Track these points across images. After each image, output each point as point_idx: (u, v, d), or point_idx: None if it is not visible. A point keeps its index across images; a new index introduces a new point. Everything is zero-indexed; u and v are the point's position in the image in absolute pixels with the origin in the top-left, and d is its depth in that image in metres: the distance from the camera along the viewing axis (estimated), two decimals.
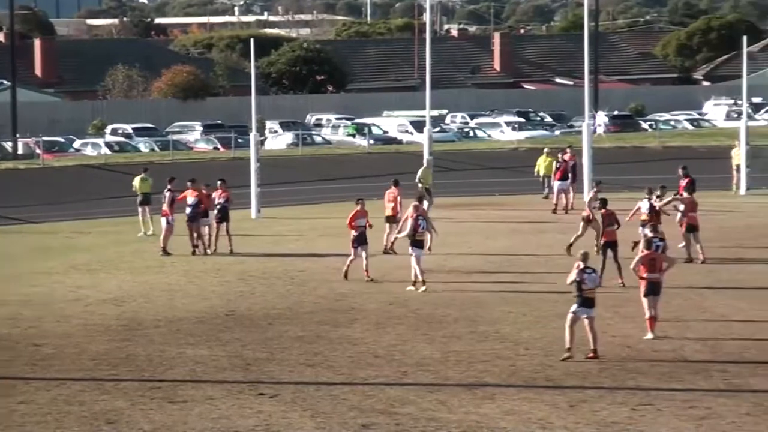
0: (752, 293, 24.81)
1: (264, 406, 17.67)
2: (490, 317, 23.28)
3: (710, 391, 17.93)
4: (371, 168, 48.77)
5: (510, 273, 27.92)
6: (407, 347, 20.95)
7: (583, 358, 19.79)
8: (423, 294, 25.65)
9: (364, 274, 26.89)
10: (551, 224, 35.66)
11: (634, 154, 51.18)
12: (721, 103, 74.04)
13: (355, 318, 23.48)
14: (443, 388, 18.33)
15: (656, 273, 21.16)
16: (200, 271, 29.08)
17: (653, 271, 21.14)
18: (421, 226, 26.04)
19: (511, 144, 57.21)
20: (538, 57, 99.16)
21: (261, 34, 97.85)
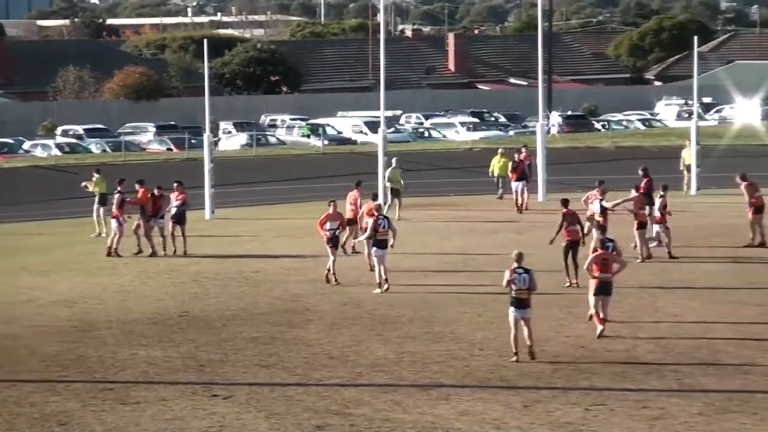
0: (704, 293, 25.00)
1: (218, 407, 17.59)
2: (445, 318, 23.30)
3: (663, 391, 18.03)
4: (326, 169, 48.76)
5: (465, 273, 27.97)
6: (362, 348, 20.94)
7: (535, 359, 19.84)
8: (378, 295, 25.63)
9: (333, 277, 26.63)
10: (506, 224, 35.76)
11: (588, 154, 51.49)
12: (672, 103, 74.61)
13: (310, 319, 23.43)
14: (398, 389, 18.33)
15: (608, 273, 21.25)
16: (154, 273, 28.91)
17: (605, 271, 21.24)
18: (381, 226, 25.96)
19: (466, 144, 57.37)
20: (492, 57, 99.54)
21: (214, 35, 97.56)
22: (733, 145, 53.16)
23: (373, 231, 25.95)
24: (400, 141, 58.97)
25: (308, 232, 32.44)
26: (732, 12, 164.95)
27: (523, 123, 69.07)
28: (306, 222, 32.58)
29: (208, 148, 40.28)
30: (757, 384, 18.32)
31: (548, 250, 30.51)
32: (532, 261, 29.12)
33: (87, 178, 36.13)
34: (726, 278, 26.39)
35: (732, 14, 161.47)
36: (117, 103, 73.49)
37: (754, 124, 59.12)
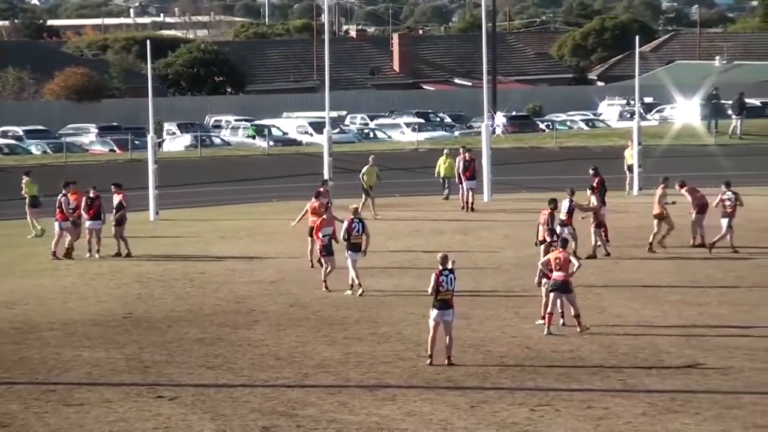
0: (647, 293, 25.21)
1: (163, 408, 17.49)
2: (392, 318, 23.33)
3: (607, 391, 18.16)
4: (271, 169, 48.62)
5: (411, 274, 28.01)
6: (308, 349, 20.92)
7: (480, 360, 19.92)
8: (324, 296, 25.63)
9: (323, 284, 26.10)
10: (452, 224, 35.87)
11: (532, 155, 51.73)
12: (614, 104, 75.10)
13: (255, 320, 23.37)
14: (344, 390, 18.33)
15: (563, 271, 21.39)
16: (96, 274, 28.68)
17: (562, 269, 21.37)
18: (355, 229, 25.66)
19: (411, 145, 57.42)
20: (436, 58, 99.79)
21: (157, 36, 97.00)
22: (673, 145, 53.68)
23: (347, 233, 25.55)
24: (346, 142, 58.91)
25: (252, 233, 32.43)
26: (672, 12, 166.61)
27: (468, 123, 69.22)
28: (250, 223, 32.50)
29: (152, 149, 40.04)
30: (699, 384, 18.50)
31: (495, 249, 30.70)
32: (478, 260, 29.37)
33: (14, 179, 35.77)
34: (668, 278, 26.64)
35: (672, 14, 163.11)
36: (58, 104, 72.79)
37: (694, 123, 59.68)
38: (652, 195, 41.58)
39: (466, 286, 26.45)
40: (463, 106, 75.86)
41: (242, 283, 27.25)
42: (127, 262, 30.30)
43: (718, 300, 24.22)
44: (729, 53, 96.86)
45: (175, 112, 71.35)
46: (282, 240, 32.85)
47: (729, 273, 27.00)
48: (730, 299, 24.29)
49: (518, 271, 27.84)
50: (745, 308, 23.77)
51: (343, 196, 41.24)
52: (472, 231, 34.31)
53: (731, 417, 16.88)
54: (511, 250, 30.50)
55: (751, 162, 41.09)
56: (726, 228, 29.43)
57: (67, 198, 31.07)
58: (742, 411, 17.14)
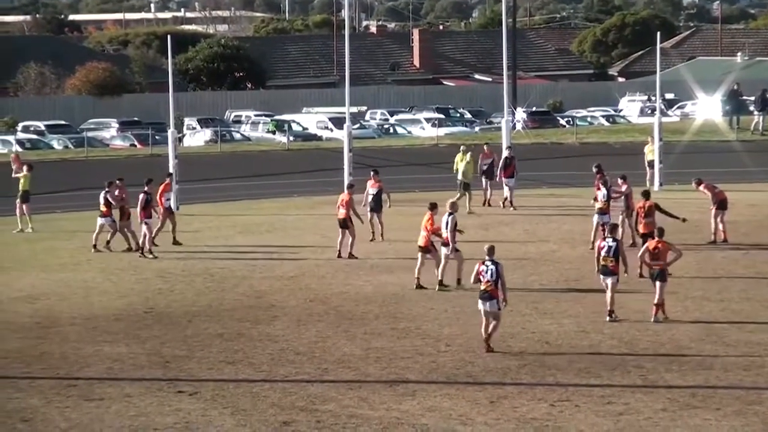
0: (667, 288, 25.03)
1: (183, 403, 17.54)
2: (411, 313, 23.32)
3: (627, 386, 18.13)
4: (291, 165, 48.68)
5: (431, 269, 27.96)
6: (328, 344, 20.93)
7: (500, 355, 19.92)
8: (343, 291, 25.66)
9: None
10: (471, 219, 35.79)
11: (552, 151, 51.60)
12: (635, 99, 74.88)
13: (275, 315, 23.39)
14: (364, 385, 18.33)
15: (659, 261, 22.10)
16: (117, 269, 28.77)
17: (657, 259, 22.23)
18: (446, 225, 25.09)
19: (431, 140, 57.38)
20: (457, 53, 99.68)
21: (178, 31, 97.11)
22: (694, 141, 53.49)
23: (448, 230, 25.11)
24: (365, 137, 58.98)
25: (270, 228, 32.46)
26: (694, 8, 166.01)
27: (488, 119, 69.16)
28: (270, 218, 32.51)
29: (172, 144, 40.13)
30: (719, 379, 18.45)
31: (515, 245, 30.67)
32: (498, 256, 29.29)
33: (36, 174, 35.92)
34: (689, 274, 26.54)
35: (694, 10, 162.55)
36: (79, 99, 73.02)
37: (715, 119, 59.45)
38: (673, 191, 41.67)
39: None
40: (483, 101, 75.82)
41: (262, 278, 27.28)
42: (147, 257, 30.37)
43: (740, 296, 24.12)
44: (751, 49, 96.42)
45: (196, 107, 71.52)
46: (301, 235, 32.88)
47: (750, 269, 26.89)
48: (751, 295, 24.19)
49: (538, 266, 27.81)
50: (766, 304, 23.66)
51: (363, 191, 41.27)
52: (493, 227, 34.27)
53: (752, 413, 16.83)
54: (530, 246, 30.43)
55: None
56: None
57: (147, 195, 30.59)
58: (762, 407, 17.09)
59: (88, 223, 32.39)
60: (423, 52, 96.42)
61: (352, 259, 29.09)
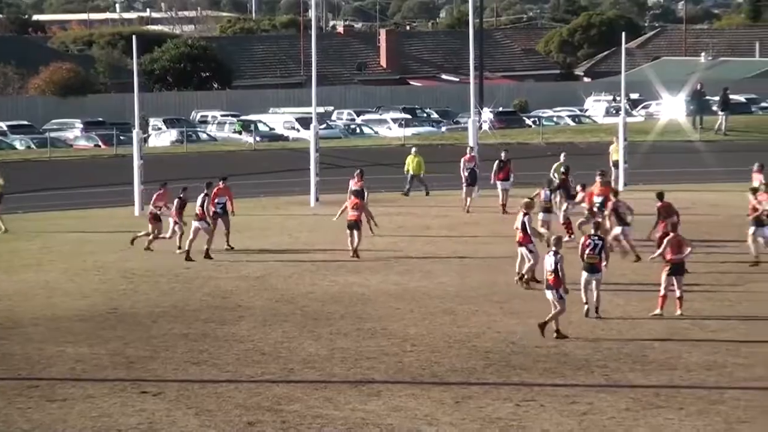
0: (630, 288, 25.22)
1: (147, 404, 17.48)
2: (377, 314, 23.34)
3: (591, 386, 18.20)
4: (258, 165, 48.60)
5: (397, 269, 28.02)
6: (294, 344, 20.92)
7: (465, 355, 19.96)
8: (309, 291, 25.65)
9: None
10: (438, 220, 35.89)
11: (519, 151, 51.61)
12: (600, 99, 75.20)
13: (241, 315, 23.35)
14: (329, 385, 18.34)
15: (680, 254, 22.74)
16: (80, 270, 28.62)
17: (678, 252, 22.74)
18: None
19: (398, 140, 57.43)
20: (424, 54, 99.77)
21: (144, 31, 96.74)
22: (658, 141, 53.76)
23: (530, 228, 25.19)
24: (332, 137, 58.96)
25: (239, 228, 32.34)
26: (659, 8, 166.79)
27: (455, 119, 69.26)
28: (237, 219, 32.40)
29: (137, 145, 39.96)
30: (682, 379, 18.56)
31: (481, 245, 30.72)
32: (464, 256, 29.39)
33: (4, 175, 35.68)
34: (652, 274, 26.63)
35: (659, 10, 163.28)
36: (43, 100, 72.57)
37: (679, 119, 59.78)
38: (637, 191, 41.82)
39: (452, 282, 26.53)
40: (450, 101, 75.89)
41: (228, 278, 27.22)
42: (115, 256, 30.22)
43: (702, 296, 24.27)
44: (715, 49, 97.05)
45: (162, 107, 71.24)
46: (268, 236, 32.82)
47: (712, 269, 27.04)
48: (713, 295, 24.34)
49: (504, 266, 27.85)
50: (728, 303, 23.85)
51: (328, 191, 41.30)
52: (459, 227, 34.33)
53: (714, 412, 16.94)
54: (497, 246, 30.51)
55: (734, 158, 41.08)
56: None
57: (182, 199, 30.12)
58: (725, 406, 17.20)
59: (50, 223, 32.17)
60: (390, 53, 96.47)
61: (355, 257, 29.20)
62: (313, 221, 35.91)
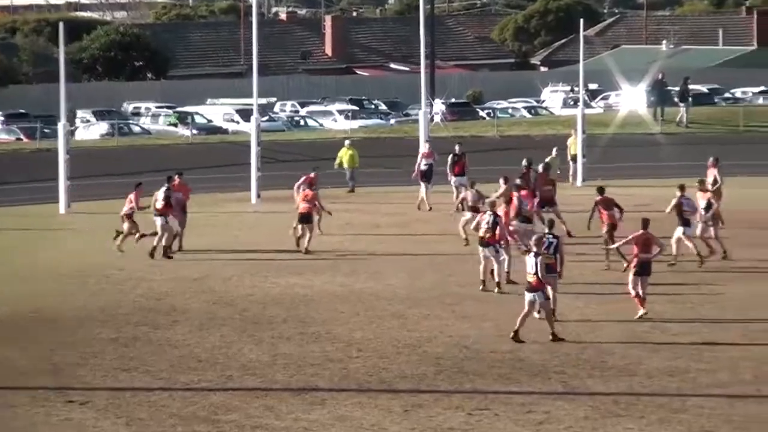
0: (589, 290, 25.28)
1: (74, 413, 17.31)
2: (321, 317, 23.29)
3: (548, 393, 18.24)
4: (194, 159, 48.29)
5: (342, 270, 27.97)
6: (232, 350, 20.81)
7: (415, 361, 19.94)
8: (249, 293, 25.53)
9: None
10: (387, 218, 35.88)
11: (473, 144, 51.72)
12: (558, 90, 75.55)
13: (176, 319, 23.22)
14: (270, 393, 18.26)
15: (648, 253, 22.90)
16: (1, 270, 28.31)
17: (646, 251, 22.91)
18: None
19: (344, 133, 57.34)
20: (371, 41, 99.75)
21: (72, 18, 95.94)
22: (618, 134, 54.08)
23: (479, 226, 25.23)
24: (275, 130, 58.79)
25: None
26: None
27: (404, 111, 69.31)
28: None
29: (63, 138, 39.59)
30: (643, 386, 18.63)
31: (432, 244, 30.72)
32: (414, 256, 29.39)
33: None
34: (612, 275, 26.76)
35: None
36: None
37: (640, 111, 60.18)
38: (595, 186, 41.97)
39: (401, 283, 26.51)
40: (400, 92, 75.88)
41: (163, 279, 27.06)
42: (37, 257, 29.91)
43: (663, 298, 24.38)
44: (676, 37, 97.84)
45: (91, 98, 70.60)
46: (206, 235, 32.61)
47: (674, 270, 27.19)
48: (675, 297, 24.48)
49: (456, 266, 27.88)
50: (690, 306, 23.99)
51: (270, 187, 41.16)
52: (409, 224, 34.34)
53: (676, 421, 17.02)
54: (448, 245, 30.53)
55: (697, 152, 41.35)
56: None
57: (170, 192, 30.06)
58: (687, 414, 17.29)
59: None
60: (336, 40, 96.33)
61: (306, 254, 29.43)
62: (254, 219, 35.78)
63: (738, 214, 35.46)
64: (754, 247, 30.54)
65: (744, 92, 77.28)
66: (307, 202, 30.37)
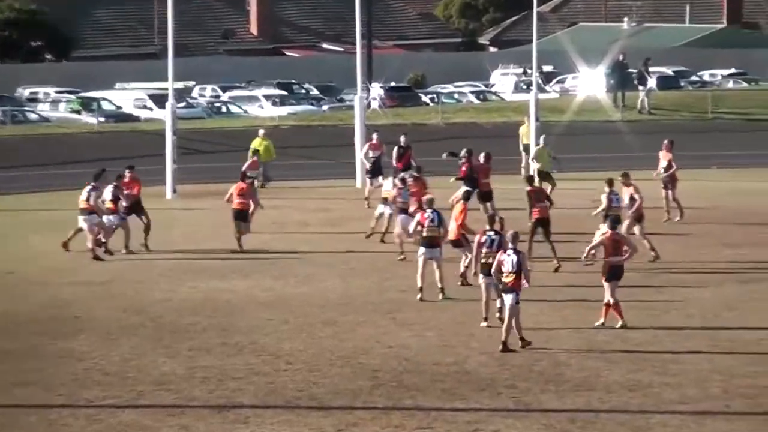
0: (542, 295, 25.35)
1: None
2: (246, 326, 23.25)
3: (497, 410, 18.29)
4: (101, 150, 48.03)
5: (270, 273, 27.94)
6: (144, 362, 20.74)
7: (350, 374, 19.95)
8: (164, 298, 25.46)
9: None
10: (319, 215, 35.89)
11: (414, 132, 51.82)
12: (509, 73, 75.90)
13: (80, 328, 23.12)
14: (187, 411, 18.21)
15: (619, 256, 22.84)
16: None
17: (616, 254, 22.83)
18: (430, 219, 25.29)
19: (272, 121, 57.29)
20: (301, 19, 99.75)
21: None
22: (575, 121, 54.45)
23: (421, 226, 25.21)
24: (193, 117, 58.65)
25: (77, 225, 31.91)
26: None
27: (339, 96, 69.40)
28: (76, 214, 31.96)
29: None
30: (601, 402, 18.73)
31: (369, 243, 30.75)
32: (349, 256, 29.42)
33: None
34: (568, 278, 26.94)
35: None
36: None
37: (599, 96, 60.63)
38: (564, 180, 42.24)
39: (335, 288, 26.52)
40: (333, 75, 75.89)
41: (64, 284, 26.92)
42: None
43: (624, 304, 24.49)
44: (638, 14, 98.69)
45: None
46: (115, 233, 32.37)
47: (636, 273, 27.37)
48: (637, 303, 24.62)
49: (395, 270, 27.93)
50: (655, 313, 24.17)
51: (189, 181, 41.02)
52: (342, 222, 34.37)
53: None
54: (388, 245, 30.55)
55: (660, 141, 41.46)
56: None
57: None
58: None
59: None
60: (261, 18, 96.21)
61: (244, 252, 29.78)
62: (170, 216, 35.59)
63: (705, 211, 35.96)
64: (722, 246, 30.91)
65: (712, 75, 78.17)
66: (241, 196, 30.52)
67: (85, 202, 29.79)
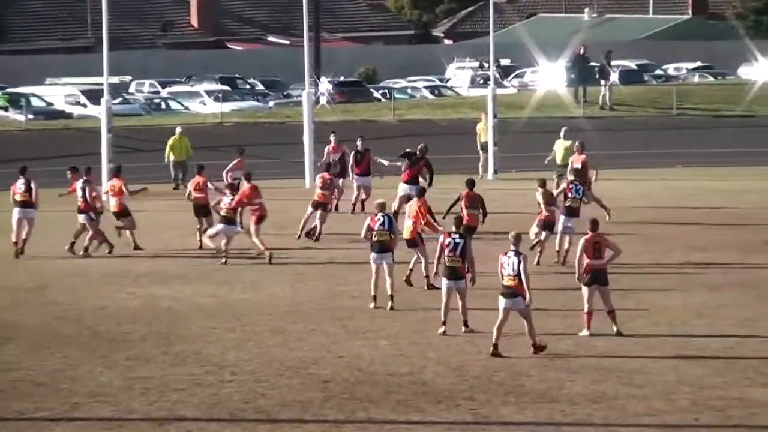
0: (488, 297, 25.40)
1: None
2: (189, 334, 23.24)
3: (455, 423, 18.31)
4: (30, 149, 47.88)
5: (214, 279, 27.87)
6: (79, 373, 20.68)
7: (299, 385, 19.94)
8: (101, 305, 25.38)
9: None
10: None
11: (365, 130, 51.86)
12: (465, 67, 76.10)
13: (8, 337, 23.05)
14: (126, 424, 18.16)
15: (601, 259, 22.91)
16: None
17: (598, 257, 22.90)
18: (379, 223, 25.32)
19: (215, 118, 57.23)
20: (245, 10, 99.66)
21: None
22: (534, 118, 54.62)
23: (371, 230, 25.20)
24: (130, 114, 58.55)
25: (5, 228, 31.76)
26: None
27: (285, 91, 69.41)
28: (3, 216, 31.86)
29: None
30: (564, 414, 18.76)
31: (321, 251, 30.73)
32: (297, 261, 29.37)
33: None
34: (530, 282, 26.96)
35: None
36: None
37: (559, 91, 60.87)
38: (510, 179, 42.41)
39: (283, 294, 26.51)
40: (279, 70, 75.88)
41: None
42: None
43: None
44: (600, 5, 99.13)
45: None
46: (45, 236, 32.26)
47: None
48: (602, 309, 24.70)
49: (347, 275, 27.94)
50: (621, 320, 24.18)
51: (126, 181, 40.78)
52: (291, 226, 34.30)
53: None
54: (338, 251, 30.59)
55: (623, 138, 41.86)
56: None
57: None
58: None
59: None
60: (202, 8, 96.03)
61: (202, 250, 30.34)
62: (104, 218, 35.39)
63: (673, 212, 36.18)
64: (689, 249, 31.11)
65: (677, 69, 78.68)
66: (198, 191, 30.93)
67: (82, 201, 30.39)
